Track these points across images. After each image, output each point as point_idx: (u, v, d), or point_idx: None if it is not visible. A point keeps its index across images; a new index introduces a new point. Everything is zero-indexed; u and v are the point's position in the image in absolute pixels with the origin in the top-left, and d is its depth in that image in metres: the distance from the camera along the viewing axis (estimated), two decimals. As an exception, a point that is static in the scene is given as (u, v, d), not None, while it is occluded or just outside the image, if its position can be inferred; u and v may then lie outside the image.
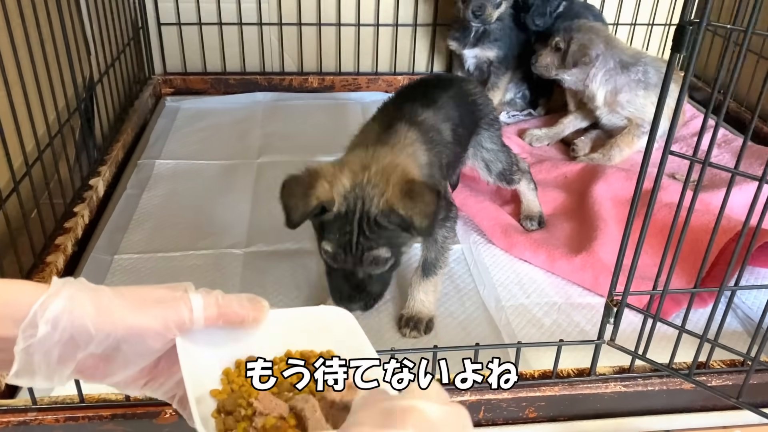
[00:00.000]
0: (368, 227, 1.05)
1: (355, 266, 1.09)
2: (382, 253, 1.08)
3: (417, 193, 1.05)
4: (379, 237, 1.06)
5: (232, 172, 1.86)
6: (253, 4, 2.28)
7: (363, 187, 1.05)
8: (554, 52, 1.94)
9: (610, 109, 1.92)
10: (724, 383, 1.11)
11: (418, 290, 1.30)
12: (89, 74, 1.74)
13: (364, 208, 1.05)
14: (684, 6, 0.78)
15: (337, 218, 1.06)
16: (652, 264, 1.15)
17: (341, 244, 1.06)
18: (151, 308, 0.59)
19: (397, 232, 1.07)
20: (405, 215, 1.03)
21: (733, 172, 0.86)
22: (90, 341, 0.57)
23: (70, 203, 1.52)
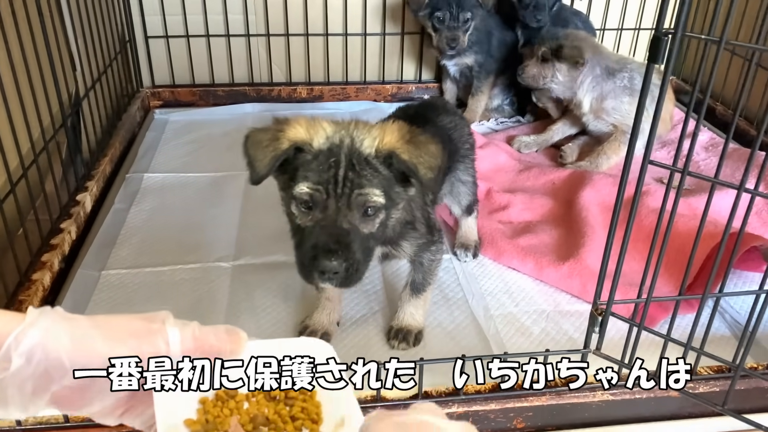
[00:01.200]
0: (359, 164, 0.91)
1: (338, 212, 0.91)
2: (375, 196, 0.91)
3: (422, 142, 0.94)
4: (370, 176, 0.91)
5: (221, 184, 1.86)
6: (240, 16, 2.29)
7: (349, 130, 0.94)
8: (540, 63, 1.94)
9: (596, 116, 1.93)
10: (711, 389, 1.11)
11: (408, 304, 1.29)
12: (75, 90, 1.74)
13: (353, 145, 0.92)
14: (659, 17, 0.79)
15: (317, 157, 0.91)
16: (640, 270, 1.15)
17: (323, 181, 0.90)
18: (126, 341, 0.59)
19: (390, 181, 0.94)
20: (408, 161, 0.91)
21: (712, 181, 0.86)
22: (64, 374, 0.56)
23: (56, 219, 1.51)
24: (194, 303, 1.39)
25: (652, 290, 1.00)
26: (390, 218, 0.99)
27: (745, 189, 0.82)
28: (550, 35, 1.94)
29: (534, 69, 1.95)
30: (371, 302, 1.41)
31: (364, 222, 0.94)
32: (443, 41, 2.07)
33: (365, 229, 0.94)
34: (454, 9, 2.04)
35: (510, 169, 1.91)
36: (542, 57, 1.93)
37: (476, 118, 2.26)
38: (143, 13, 2.24)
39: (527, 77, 1.97)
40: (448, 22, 2.05)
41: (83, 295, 1.40)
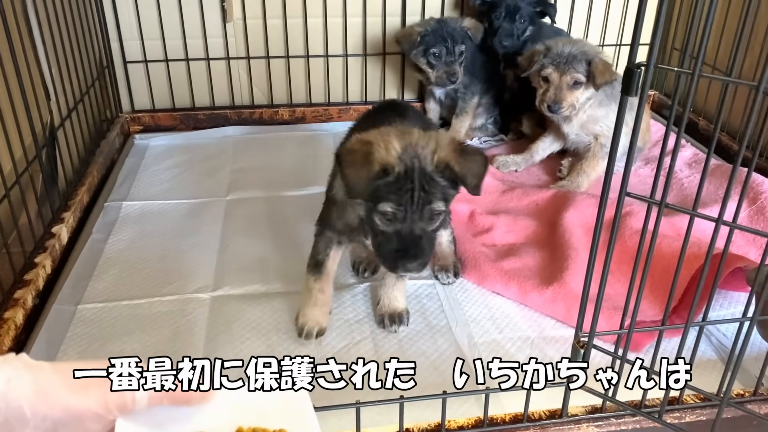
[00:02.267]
0: (427, 183, 1.10)
1: (413, 223, 1.12)
2: (439, 205, 1.13)
3: (469, 153, 1.15)
4: (436, 191, 1.11)
5: (201, 212, 1.84)
6: (220, 39, 2.27)
7: (414, 147, 1.11)
8: (572, 88, 1.81)
9: (581, 125, 1.89)
10: (698, 419, 1.09)
11: (392, 289, 1.39)
12: (50, 120, 1.71)
13: (421, 165, 1.10)
14: (631, 50, 0.77)
15: (397, 179, 1.10)
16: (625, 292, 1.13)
17: (403, 202, 1.10)
18: (91, 389, 0.58)
19: (447, 188, 1.14)
20: (459, 171, 1.11)
21: (691, 213, 0.85)
22: (26, 425, 0.56)
23: (31, 253, 1.48)
24: (172, 336, 1.36)
25: (634, 321, 0.99)
26: (446, 214, 1.21)
27: (723, 222, 0.80)
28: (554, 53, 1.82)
29: (571, 98, 1.80)
30: (353, 332, 1.39)
31: (431, 224, 1.15)
32: (443, 77, 2.07)
33: (431, 228, 1.16)
34: (449, 44, 2.04)
35: (493, 190, 1.90)
36: (575, 82, 1.80)
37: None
38: (121, 38, 2.22)
39: (565, 108, 1.81)
40: (444, 57, 2.06)
41: (58, 331, 1.37)
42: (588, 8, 2.39)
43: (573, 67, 1.77)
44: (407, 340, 1.37)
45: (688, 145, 2.15)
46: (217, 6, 2.22)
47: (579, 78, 1.78)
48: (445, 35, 2.04)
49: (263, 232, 1.74)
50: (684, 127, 0.88)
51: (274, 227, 1.76)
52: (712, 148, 0.89)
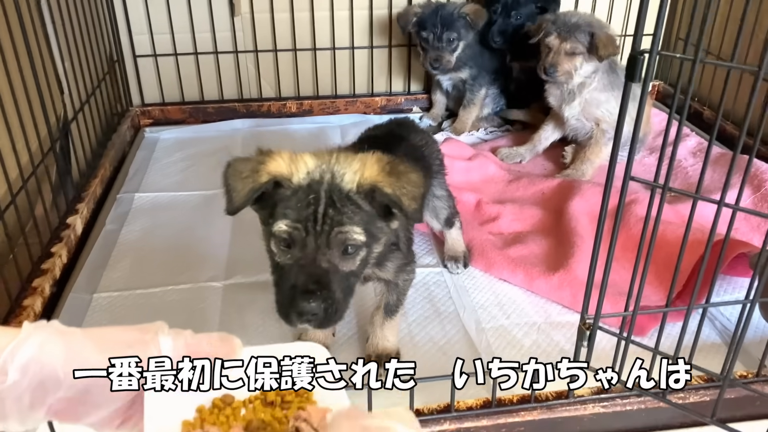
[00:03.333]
0: (339, 201, 0.89)
1: (317, 250, 0.88)
2: (355, 234, 0.89)
3: (402, 172, 0.91)
4: (351, 213, 0.89)
5: (212, 203, 1.86)
6: (228, 33, 2.30)
7: (330, 164, 0.91)
8: (570, 56, 1.83)
9: (582, 108, 1.91)
10: (701, 399, 1.11)
11: (381, 328, 1.24)
12: (63, 113, 1.75)
13: (334, 181, 0.90)
14: (635, 36, 0.80)
15: (296, 191, 0.89)
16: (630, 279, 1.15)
17: (302, 218, 0.88)
18: (120, 351, 0.60)
19: (372, 217, 0.92)
20: (392, 194, 0.88)
21: (693, 197, 0.87)
22: (59, 386, 0.58)
23: (47, 244, 1.51)
24: (185, 324, 1.34)
25: (638, 303, 1.01)
26: (371, 255, 0.96)
27: (725, 204, 0.83)
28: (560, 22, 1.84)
29: (566, 65, 1.83)
30: (341, 327, 1.40)
31: (344, 261, 0.91)
32: (427, 61, 2.10)
33: (345, 267, 0.91)
34: (439, 30, 2.05)
35: (499, 179, 1.92)
36: (572, 52, 1.82)
37: (467, 128, 2.27)
38: (131, 33, 2.24)
39: (561, 75, 1.84)
40: (432, 41, 2.07)
41: (75, 319, 1.40)
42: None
43: (574, 36, 1.80)
44: (416, 326, 1.40)
45: (692, 135, 2.16)
46: (225, 0, 2.24)
47: (577, 47, 1.80)
48: (437, 21, 2.05)
49: (273, 222, 1.76)
50: (686, 114, 0.90)
51: (283, 218, 1.78)
52: (714, 135, 0.91)
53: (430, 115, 2.39)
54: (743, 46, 2.06)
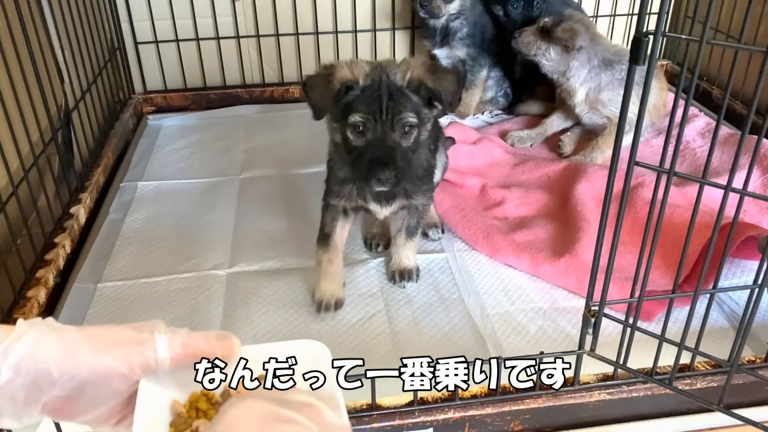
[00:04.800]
0: (396, 94, 1.15)
1: (385, 133, 1.16)
2: (410, 118, 1.16)
3: (442, 71, 1.20)
4: (406, 103, 1.16)
5: (215, 190, 1.86)
6: (230, 18, 2.28)
7: (383, 67, 1.18)
8: (539, 33, 1.90)
9: (591, 107, 1.91)
10: (708, 385, 1.10)
11: (403, 248, 1.45)
12: (64, 102, 1.73)
13: (389, 80, 1.16)
14: (639, 19, 0.77)
15: (363, 91, 1.16)
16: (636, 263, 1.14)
17: (371, 111, 1.15)
18: (115, 350, 0.60)
19: (419, 104, 1.19)
20: (433, 87, 1.15)
21: (699, 181, 0.85)
22: (53, 384, 0.58)
23: (50, 234, 1.51)
24: (190, 312, 1.39)
25: (644, 289, 0.99)
26: (422, 135, 1.22)
27: (732, 189, 0.81)
28: (554, 12, 1.90)
29: (530, 37, 1.91)
30: (367, 306, 1.41)
31: (404, 138, 1.19)
32: (416, 1, 2.04)
33: (405, 143, 1.19)
34: None
35: (505, 163, 1.90)
36: (542, 28, 1.89)
37: (471, 111, 2.24)
38: (131, 19, 2.23)
39: (522, 43, 1.92)
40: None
41: (79, 309, 1.40)
42: (599, -23, 2.36)
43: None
44: (420, 312, 1.39)
45: (701, 115, 2.13)
46: (226, -16, 2.22)
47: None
48: None
49: (277, 209, 1.76)
50: (692, 94, 0.88)
51: (287, 204, 1.78)
52: (722, 115, 0.89)
53: (435, 98, 2.36)
54: (753, 23, 2.02)
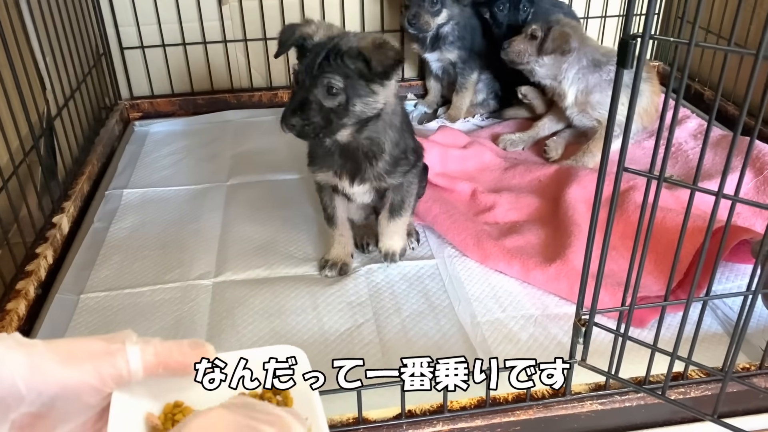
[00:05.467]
0: (333, 57, 1.22)
1: (308, 88, 1.23)
2: (334, 80, 1.23)
3: (384, 46, 1.25)
4: (338, 68, 1.23)
5: (202, 197, 1.83)
6: (217, 23, 2.25)
7: (342, 34, 1.27)
8: (529, 40, 1.89)
9: (580, 110, 1.89)
10: (703, 393, 1.08)
11: (387, 227, 1.48)
12: (46, 110, 1.70)
13: (334, 43, 1.24)
14: (626, 20, 0.75)
15: (312, 47, 1.25)
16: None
17: (305, 63, 1.24)
18: (85, 363, 0.59)
19: (354, 75, 1.24)
20: (366, 55, 1.21)
21: (691, 188, 0.83)
22: (21, 401, 0.57)
23: (32, 244, 1.48)
24: (174, 324, 1.36)
25: (635, 297, 0.97)
26: (351, 105, 1.26)
27: (723, 195, 0.79)
28: (541, 17, 1.90)
29: (521, 45, 1.89)
30: (356, 315, 1.38)
31: (327, 99, 1.24)
32: (405, 18, 2.03)
33: (328, 103, 1.24)
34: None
35: (495, 167, 1.88)
36: (531, 35, 1.88)
37: (461, 114, 2.22)
38: (117, 24, 2.20)
39: (512, 52, 1.91)
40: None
41: (61, 321, 1.37)
42: (590, -22, 2.34)
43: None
44: (410, 320, 1.36)
45: (693, 116, 2.11)
46: (213, -11, 2.19)
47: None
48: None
49: (264, 216, 1.73)
50: (682, 95, 0.86)
51: (275, 211, 1.75)
52: (713, 118, 0.86)
53: (425, 102, 2.35)
54: (744, 23, 2.00)
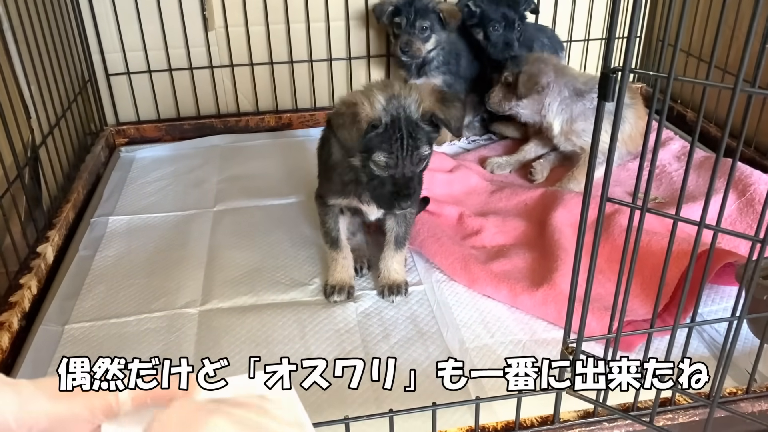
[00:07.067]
0: (413, 131, 1.24)
1: (405, 167, 1.27)
2: (425, 150, 1.27)
3: (449, 100, 1.30)
4: (422, 137, 1.26)
5: (188, 224, 1.82)
6: (203, 48, 2.26)
7: (398, 98, 1.24)
8: (505, 87, 1.94)
9: (566, 138, 1.91)
10: (691, 419, 1.08)
11: (392, 261, 1.50)
12: (31, 138, 1.70)
13: (406, 114, 1.24)
14: (605, 54, 0.76)
15: (385, 129, 1.23)
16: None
17: (395, 150, 1.24)
18: (73, 397, 0.61)
19: (431, 132, 1.28)
20: (443, 118, 1.26)
21: (674, 218, 0.84)
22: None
23: (15, 275, 1.47)
24: (160, 354, 1.35)
25: (621, 323, 0.98)
26: (431, 156, 1.32)
27: (705, 225, 0.79)
28: (515, 60, 1.93)
29: (500, 94, 1.96)
30: (344, 342, 1.37)
31: (419, 166, 1.30)
32: (397, 46, 2.07)
33: (419, 169, 1.31)
34: (413, 16, 2.04)
35: (482, 191, 1.89)
36: (506, 82, 1.93)
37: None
38: (102, 51, 2.20)
39: (493, 103, 1.98)
40: (405, 27, 2.05)
41: (45, 352, 1.35)
42: (572, 2, 2.37)
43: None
44: (398, 348, 1.36)
45: (676, 138, 2.14)
46: (198, 15, 2.20)
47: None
48: (411, 9, 2.04)
49: (251, 242, 1.72)
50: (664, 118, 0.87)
51: (262, 237, 1.75)
52: (695, 139, 0.88)
53: (411, 125, 2.36)
54: (724, 43, 2.04)
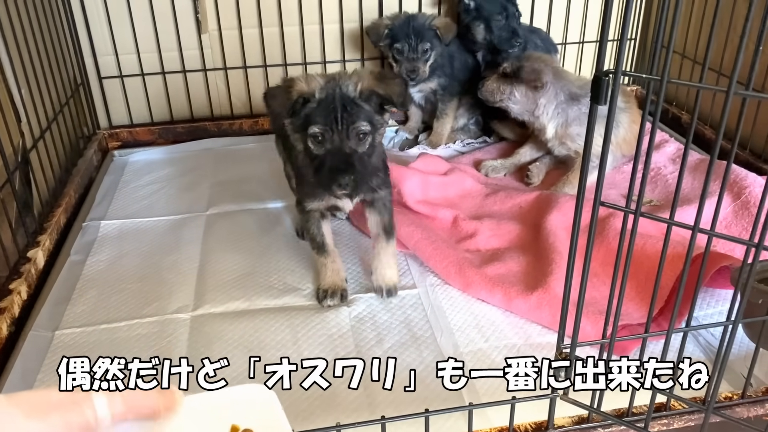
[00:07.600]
0: (349, 106, 1.25)
1: (342, 141, 1.26)
2: (363, 126, 1.26)
3: (388, 77, 1.34)
4: (359, 113, 1.26)
5: (180, 228, 1.81)
6: (196, 51, 2.24)
7: (336, 79, 1.28)
8: (501, 78, 1.92)
9: (560, 142, 1.90)
10: (686, 425, 1.07)
11: (384, 253, 1.48)
12: (21, 142, 1.68)
13: (342, 92, 1.26)
14: (598, 57, 0.75)
15: (319, 104, 1.25)
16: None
17: (328, 122, 1.24)
18: (51, 413, 0.59)
19: (371, 113, 1.29)
20: (384, 93, 1.27)
21: (668, 222, 0.83)
22: None
23: (5, 280, 1.45)
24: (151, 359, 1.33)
25: (615, 328, 0.97)
26: (375, 139, 1.32)
27: (699, 230, 0.78)
28: (515, 55, 1.92)
29: (494, 84, 1.93)
30: (336, 347, 1.36)
31: (360, 145, 1.28)
32: (403, 72, 2.06)
33: (360, 149, 1.29)
34: (413, 40, 2.03)
35: (477, 194, 1.88)
36: (503, 73, 1.91)
37: (442, 141, 2.23)
38: (95, 54, 2.19)
39: (486, 91, 1.95)
40: (407, 53, 2.04)
41: (35, 359, 1.34)
42: (567, 4, 2.37)
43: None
44: (392, 352, 1.34)
45: (671, 140, 2.13)
46: (192, 18, 2.19)
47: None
48: (410, 32, 2.03)
49: (244, 246, 1.71)
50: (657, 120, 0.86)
51: (254, 240, 1.73)
52: (689, 142, 0.87)
53: (407, 128, 2.35)
54: (719, 45, 2.03)
